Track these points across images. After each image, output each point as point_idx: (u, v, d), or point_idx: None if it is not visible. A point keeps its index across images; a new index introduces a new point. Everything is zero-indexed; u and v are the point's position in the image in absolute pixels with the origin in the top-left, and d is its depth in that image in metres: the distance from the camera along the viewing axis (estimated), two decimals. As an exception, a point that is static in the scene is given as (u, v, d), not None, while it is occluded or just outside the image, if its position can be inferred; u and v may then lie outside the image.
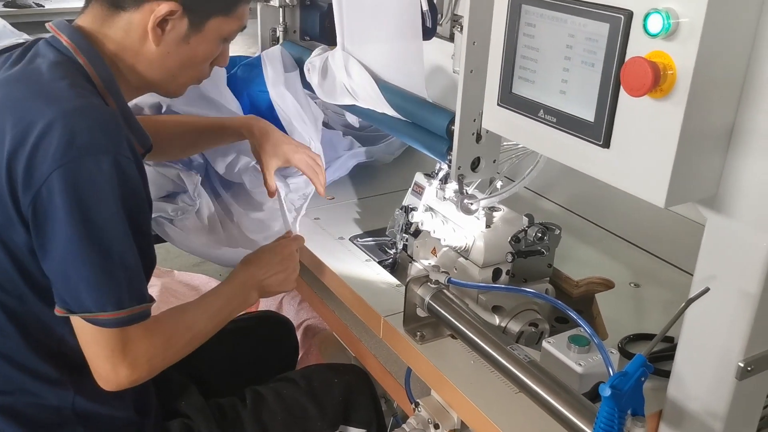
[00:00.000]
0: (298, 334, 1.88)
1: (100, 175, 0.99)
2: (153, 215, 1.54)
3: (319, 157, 1.54)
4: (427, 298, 1.16)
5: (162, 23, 1.13)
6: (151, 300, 1.10)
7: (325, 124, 1.97)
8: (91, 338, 1.07)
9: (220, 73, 1.68)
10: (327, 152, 1.78)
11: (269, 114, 1.66)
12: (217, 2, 1.17)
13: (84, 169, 0.98)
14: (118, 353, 1.07)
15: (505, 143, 1.27)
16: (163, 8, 1.11)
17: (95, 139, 1.00)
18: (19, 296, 1.09)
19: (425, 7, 1.50)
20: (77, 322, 1.07)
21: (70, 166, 0.97)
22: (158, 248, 1.58)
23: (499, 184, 1.31)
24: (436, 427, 1.17)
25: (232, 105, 1.67)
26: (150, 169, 1.53)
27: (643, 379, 0.82)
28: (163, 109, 1.60)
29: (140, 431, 1.25)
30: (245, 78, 1.75)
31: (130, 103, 1.24)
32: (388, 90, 1.43)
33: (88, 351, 1.09)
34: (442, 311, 1.14)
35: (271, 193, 1.50)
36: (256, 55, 1.81)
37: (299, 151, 1.49)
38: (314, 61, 1.61)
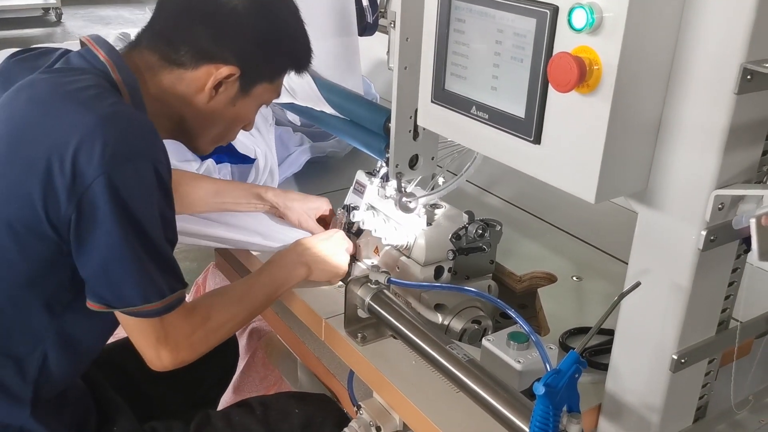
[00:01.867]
0: (244, 337, 1.84)
1: (139, 180, 1.02)
2: None
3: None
4: (367, 299, 1.14)
5: (220, 83, 1.15)
6: (185, 284, 1.13)
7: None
8: (136, 329, 1.11)
9: None
10: (278, 149, 1.76)
11: None
12: (267, 70, 1.21)
13: (125, 175, 1.00)
14: (161, 340, 1.11)
15: (447, 139, 1.26)
16: (224, 72, 1.14)
17: (134, 146, 1.02)
18: (20, 304, 1.09)
19: (365, 2, 1.48)
20: (122, 318, 1.10)
21: (113, 173, 0.99)
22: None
23: (440, 180, 1.30)
24: (378, 429, 1.15)
25: None
26: None
27: (577, 375, 0.82)
28: None
29: None
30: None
31: None
32: (325, 87, 1.41)
33: (135, 342, 1.13)
34: (382, 312, 1.13)
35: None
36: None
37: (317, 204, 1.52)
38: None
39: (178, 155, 1.61)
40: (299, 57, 1.26)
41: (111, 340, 1.49)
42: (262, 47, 1.19)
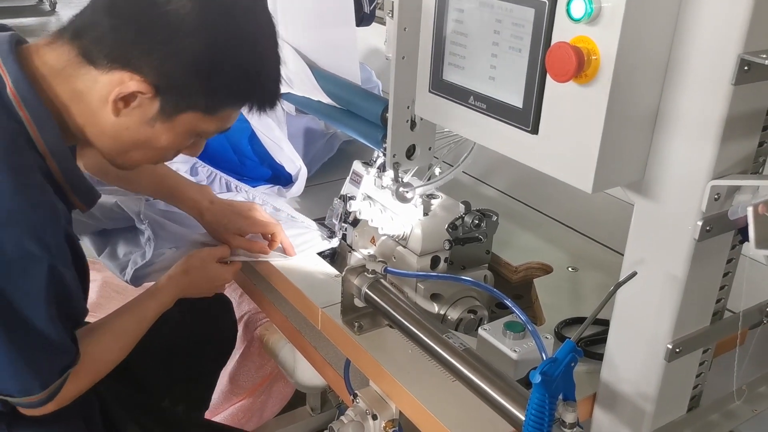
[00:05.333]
0: (240, 327, 1.85)
1: (28, 284, 0.97)
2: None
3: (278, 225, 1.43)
4: (364, 288, 1.14)
5: (128, 97, 1.00)
6: (78, 355, 1.08)
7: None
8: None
9: None
10: (308, 137, 1.76)
11: (250, 142, 1.62)
12: (197, 98, 1.03)
13: (10, 280, 0.95)
14: (46, 401, 1.07)
15: (444, 129, 1.26)
16: (131, 86, 0.98)
17: (25, 250, 0.95)
18: None
19: (363, -7, 1.48)
20: None
21: None
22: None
23: (437, 170, 1.30)
24: (375, 417, 1.16)
25: None
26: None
27: (573, 364, 0.83)
28: None
29: None
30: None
31: None
32: (322, 77, 1.41)
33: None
34: (379, 301, 1.13)
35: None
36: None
37: (251, 223, 1.40)
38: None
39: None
40: (259, 97, 1.07)
41: (90, 318, 1.49)
42: (199, 73, 1.00)
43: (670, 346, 0.90)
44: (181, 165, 1.61)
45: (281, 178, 1.68)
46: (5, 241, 0.93)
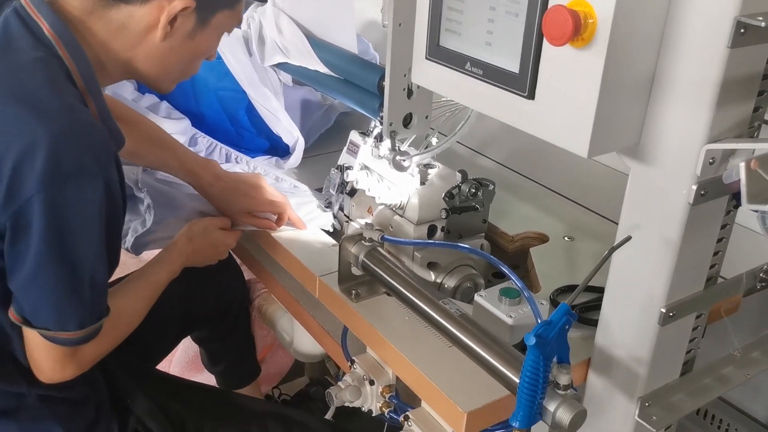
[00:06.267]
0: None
1: (84, 201, 0.98)
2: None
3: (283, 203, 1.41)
4: (361, 256, 1.15)
5: (172, 19, 1.07)
6: (108, 311, 1.10)
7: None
8: (43, 349, 1.07)
9: None
10: (305, 109, 1.75)
11: (247, 113, 1.62)
12: None
13: (68, 196, 0.96)
14: (67, 360, 1.09)
15: (441, 99, 1.26)
16: (177, 5, 1.06)
17: (83, 165, 0.97)
18: None
19: (358, -38, 1.46)
20: (30, 332, 1.06)
21: (54, 192, 0.95)
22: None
23: (434, 140, 1.31)
24: (372, 383, 1.17)
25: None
26: None
27: (567, 327, 0.83)
28: None
29: (98, 406, 1.28)
30: (206, 74, 1.63)
31: None
32: (319, 46, 1.40)
33: (35, 356, 1.09)
34: (376, 268, 1.14)
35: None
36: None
37: (257, 203, 1.40)
38: (254, 15, 1.56)
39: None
40: None
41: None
42: None
43: (663, 310, 0.91)
44: (180, 136, 1.60)
45: (278, 149, 1.68)
46: (63, 155, 0.95)
